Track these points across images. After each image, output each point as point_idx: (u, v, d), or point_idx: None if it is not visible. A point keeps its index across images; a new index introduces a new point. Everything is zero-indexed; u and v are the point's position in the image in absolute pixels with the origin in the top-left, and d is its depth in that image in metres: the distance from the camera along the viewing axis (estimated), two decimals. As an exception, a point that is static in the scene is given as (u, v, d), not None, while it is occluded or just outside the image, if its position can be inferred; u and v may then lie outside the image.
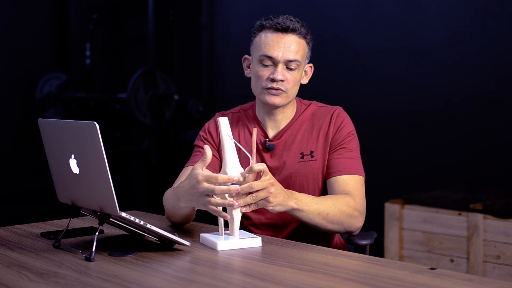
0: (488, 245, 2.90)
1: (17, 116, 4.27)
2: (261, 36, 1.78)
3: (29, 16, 4.30)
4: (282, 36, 1.74)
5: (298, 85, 1.81)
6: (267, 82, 1.76)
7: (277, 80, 1.74)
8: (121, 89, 4.48)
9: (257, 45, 1.78)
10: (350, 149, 1.80)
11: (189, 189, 1.48)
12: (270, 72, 1.75)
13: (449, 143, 3.61)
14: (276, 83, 1.75)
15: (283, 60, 1.74)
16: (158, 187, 4.65)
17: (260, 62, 1.77)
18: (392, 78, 3.84)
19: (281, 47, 1.74)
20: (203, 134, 1.90)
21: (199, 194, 1.45)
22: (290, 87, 1.76)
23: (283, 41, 1.74)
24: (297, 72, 1.77)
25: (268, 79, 1.75)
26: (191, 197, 1.48)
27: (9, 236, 1.66)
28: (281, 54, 1.74)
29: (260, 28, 1.79)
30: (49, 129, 1.53)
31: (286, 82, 1.75)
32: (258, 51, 1.77)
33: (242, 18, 4.55)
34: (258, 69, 1.77)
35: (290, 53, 1.74)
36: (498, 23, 3.46)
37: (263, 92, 1.77)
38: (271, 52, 1.74)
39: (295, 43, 1.75)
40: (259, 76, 1.77)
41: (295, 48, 1.75)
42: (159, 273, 1.29)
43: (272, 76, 1.74)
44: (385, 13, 3.86)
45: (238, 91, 3.48)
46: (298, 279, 1.24)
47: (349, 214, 1.66)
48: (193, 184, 1.46)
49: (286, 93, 1.77)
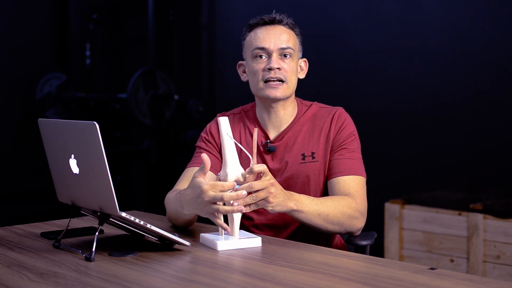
0: (488, 245, 2.90)
1: (17, 116, 4.27)
2: (250, 34, 1.81)
3: (29, 16, 4.30)
4: (271, 28, 1.78)
5: (296, 76, 1.81)
6: (264, 73, 1.76)
7: (273, 69, 1.75)
8: (121, 89, 4.48)
9: (249, 43, 1.80)
10: (351, 149, 1.80)
11: (194, 198, 1.47)
12: (266, 63, 1.76)
13: (449, 143, 3.61)
14: (273, 72, 1.75)
15: (276, 49, 1.76)
16: (158, 187, 4.65)
17: (254, 57, 1.78)
18: (392, 78, 3.84)
19: (271, 38, 1.77)
20: (205, 135, 1.90)
21: (206, 203, 1.44)
22: (288, 76, 1.77)
23: (273, 32, 1.77)
24: (292, 61, 1.78)
25: (265, 70, 1.76)
26: (197, 206, 1.48)
27: (9, 236, 1.66)
28: (273, 44, 1.76)
29: (248, 28, 1.82)
30: (49, 129, 1.53)
31: (283, 70, 1.76)
32: (250, 47, 1.79)
33: (242, 18, 4.54)
34: (253, 65, 1.78)
35: (281, 41, 1.76)
36: (498, 23, 3.46)
37: (263, 87, 1.77)
38: (263, 43, 1.76)
39: (285, 32, 1.78)
40: (255, 70, 1.78)
41: (286, 37, 1.78)
42: (159, 273, 1.29)
43: (268, 65, 1.75)
44: (385, 13, 3.86)
45: (238, 91, 3.48)
46: (298, 279, 1.24)
47: (349, 215, 1.66)
48: (198, 193, 1.45)
49: (286, 83, 1.77)
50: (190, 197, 1.49)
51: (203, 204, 1.45)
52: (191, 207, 1.50)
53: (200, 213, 1.50)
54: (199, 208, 1.47)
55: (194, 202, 1.47)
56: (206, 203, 1.44)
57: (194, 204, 1.48)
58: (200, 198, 1.45)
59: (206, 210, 1.46)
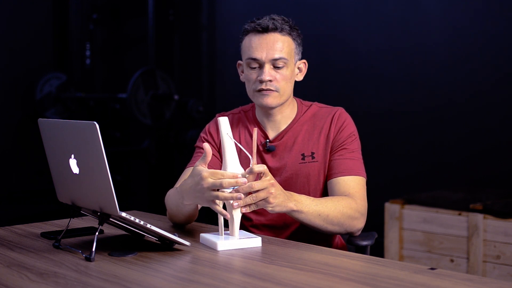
0: (488, 245, 2.90)
1: (17, 116, 4.27)
2: (245, 40, 1.79)
3: (29, 16, 4.30)
4: (264, 37, 1.75)
5: (290, 83, 1.80)
6: (256, 84, 1.77)
7: (264, 81, 1.74)
8: (121, 89, 4.48)
9: (244, 50, 1.80)
10: (351, 150, 1.80)
11: (194, 185, 1.47)
12: (258, 74, 1.76)
13: (449, 143, 3.61)
14: (264, 84, 1.75)
15: (268, 60, 1.74)
16: (158, 187, 4.65)
17: (248, 66, 1.78)
18: (392, 78, 3.84)
19: (263, 48, 1.74)
20: (204, 135, 1.90)
21: (205, 190, 1.44)
22: (281, 86, 1.76)
23: (266, 41, 1.74)
24: (286, 70, 1.77)
25: (257, 81, 1.76)
26: (196, 194, 1.47)
27: (9, 236, 1.66)
28: (265, 54, 1.74)
29: (244, 32, 1.81)
30: (49, 129, 1.53)
31: (275, 81, 1.75)
32: (245, 55, 1.79)
33: (242, 18, 4.51)
34: (247, 73, 1.79)
35: (274, 52, 1.74)
36: (498, 23, 3.46)
37: (255, 95, 1.79)
38: (255, 54, 1.75)
39: (279, 41, 1.75)
40: (249, 79, 1.79)
41: (279, 46, 1.75)
42: (159, 273, 1.29)
43: (260, 77, 1.75)
44: (385, 13, 3.86)
45: (238, 91, 3.48)
46: (298, 279, 1.24)
47: (350, 216, 1.66)
48: (197, 180, 1.45)
49: (278, 92, 1.77)
50: (190, 185, 1.49)
51: (202, 191, 1.45)
52: (192, 195, 1.50)
53: (200, 201, 1.49)
54: (199, 196, 1.47)
55: (194, 190, 1.47)
56: (206, 190, 1.44)
57: (194, 192, 1.48)
58: (200, 185, 1.44)
59: (206, 197, 1.45)
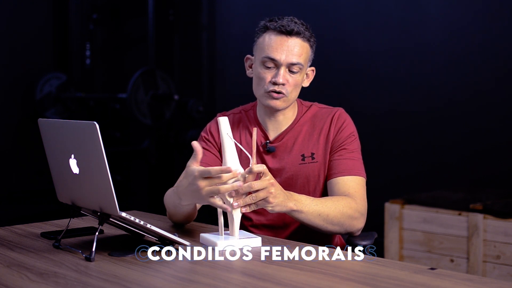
0: (488, 245, 2.90)
1: (17, 116, 4.27)
2: (264, 37, 1.76)
3: (29, 16, 4.30)
4: (286, 39, 1.73)
5: (299, 88, 1.80)
6: (269, 85, 1.75)
7: (279, 84, 1.74)
8: (121, 89, 4.48)
9: (261, 47, 1.77)
10: (351, 150, 1.80)
11: (189, 185, 1.46)
12: (272, 75, 1.74)
13: (449, 143, 3.61)
14: (278, 86, 1.74)
15: (286, 63, 1.73)
16: (158, 187, 4.65)
17: (262, 64, 1.75)
18: (392, 78, 3.84)
19: (284, 50, 1.73)
20: (205, 134, 1.90)
21: (200, 189, 1.43)
22: (290, 90, 1.76)
23: (287, 44, 1.73)
24: (299, 75, 1.76)
25: (271, 82, 1.75)
26: (193, 194, 1.46)
27: (9, 236, 1.66)
28: (284, 57, 1.72)
29: (264, 29, 1.78)
30: (49, 129, 1.53)
31: (287, 85, 1.75)
32: (261, 53, 1.76)
33: (242, 18, 4.55)
34: (260, 71, 1.76)
35: (293, 56, 1.73)
36: (498, 23, 3.46)
37: (265, 96, 1.77)
38: (274, 54, 1.73)
39: (299, 46, 1.74)
40: (261, 78, 1.76)
41: (299, 51, 1.74)
42: (159, 273, 1.29)
43: (274, 79, 1.73)
44: (385, 13, 3.86)
45: (238, 91, 3.48)
46: (298, 279, 1.24)
47: (349, 216, 1.66)
48: (191, 181, 1.44)
49: (287, 96, 1.76)
50: (186, 186, 1.48)
51: (198, 190, 1.43)
52: (189, 196, 1.49)
53: (197, 199, 1.48)
54: (196, 195, 1.46)
55: (190, 190, 1.46)
56: (200, 188, 1.42)
57: (190, 192, 1.47)
58: (195, 185, 1.43)
59: (203, 194, 1.44)
